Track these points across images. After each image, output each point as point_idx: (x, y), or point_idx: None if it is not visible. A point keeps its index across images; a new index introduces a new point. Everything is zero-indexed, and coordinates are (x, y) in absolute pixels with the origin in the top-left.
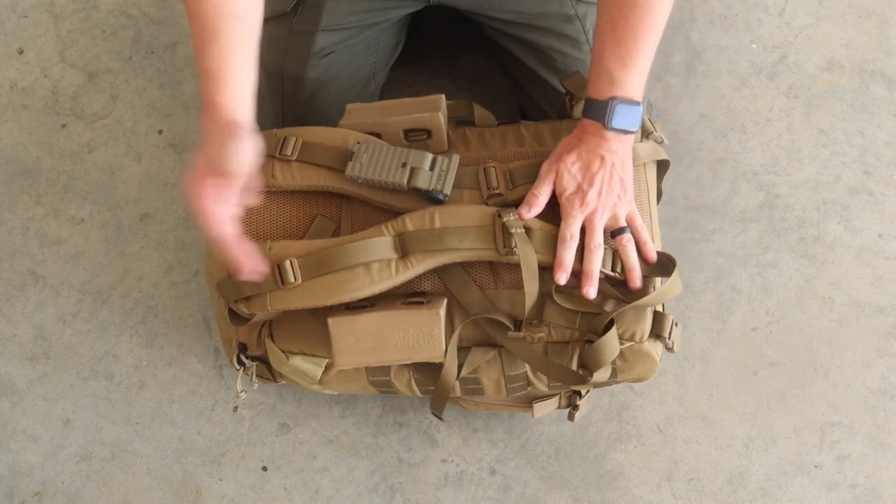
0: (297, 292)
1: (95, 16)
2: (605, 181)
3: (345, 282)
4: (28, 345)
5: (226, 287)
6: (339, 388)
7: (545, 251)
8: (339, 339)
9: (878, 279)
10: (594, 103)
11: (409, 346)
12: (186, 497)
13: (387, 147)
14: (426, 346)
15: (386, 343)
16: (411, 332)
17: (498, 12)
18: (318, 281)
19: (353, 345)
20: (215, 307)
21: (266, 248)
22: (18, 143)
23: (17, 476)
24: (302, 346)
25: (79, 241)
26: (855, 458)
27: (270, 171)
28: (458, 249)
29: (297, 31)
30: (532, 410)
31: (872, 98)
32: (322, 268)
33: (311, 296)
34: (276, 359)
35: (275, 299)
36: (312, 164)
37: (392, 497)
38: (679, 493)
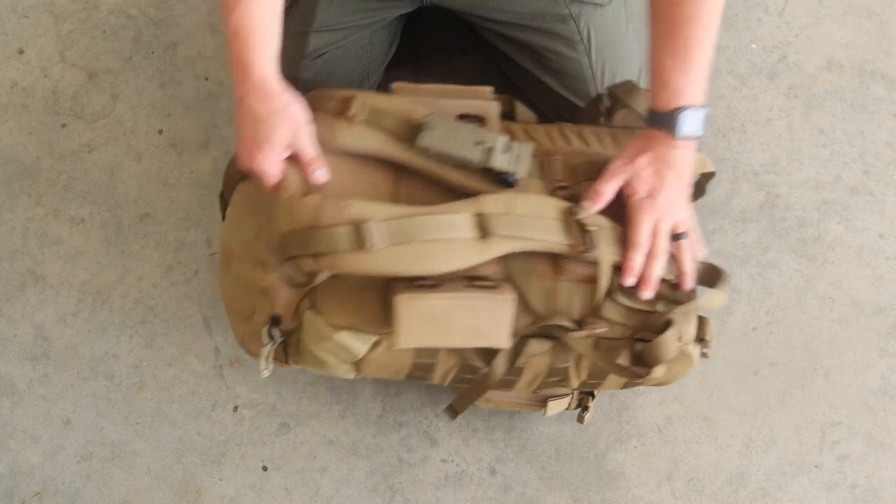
0: (375, 257)
1: (96, 16)
2: (674, 188)
3: (428, 254)
4: (28, 345)
5: (294, 239)
6: (374, 371)
7: (613, 250)
8: (404, 318)
9: (879, 279)
10: (660, 115)
11: (474, 330)
12: (186, 497)
13: (461, 123)
14: (492, 333)
15: (452, 326)
16: (479, 317)
17: (491, 12)
18: (401, 249)
19: (419, 324)
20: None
21: (342, 207)
22: (18, 143)
23: (18, 476)
24: (352, 321)
25: (79, 240)
26: (855, 458)
27: (331, 130)
28: (535, 239)
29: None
30: (545, 409)
31: (872, 98)
32: (404, 236)
33: (390, 263)
34: (315, 334)
35: (350, 261)
36: (379, 129)
37: (392, 497)
38: (679, 494)
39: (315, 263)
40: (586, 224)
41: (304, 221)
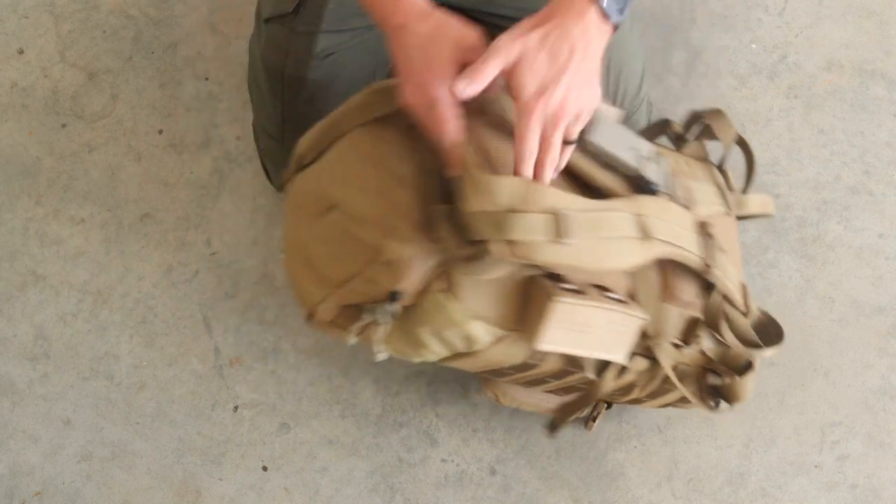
0: (568, 250)
1: (96, 16)
2: (572, 80)
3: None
4: (28, 345)
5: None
6: (468, 364)
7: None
8: (553, 322)
9: (879, 279)
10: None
11: (603, 342)
12: (186, 497)
13: (621, 126)
14: (616, 347)
15: (588, 335)
16: (613, 329)
17: (500, 8)
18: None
19: (562, 329)
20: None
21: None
22: (18, 143)
23: (18, 476)
24: (488, 313)
25: (79, 240)
26: (855, 458)
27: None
28: (683, 248)
29: (298, 31)
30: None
31: (872, 98)
32: (592, 230)
33: (579, 257)
34: (442, 319)
35: (544, 252)
36: None
37: (392, 497)
38: (679, 493)
39: (510, 250)
40: (716, 239)
41: (502, 203)
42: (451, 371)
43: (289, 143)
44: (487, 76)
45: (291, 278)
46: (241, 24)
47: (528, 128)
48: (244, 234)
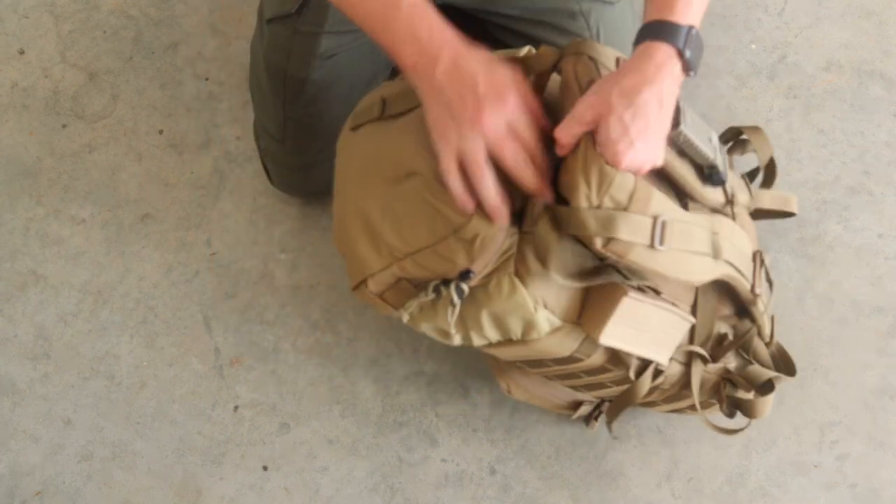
0: (660, 256)
1: (96, 16)
2: (656, 136)
3: (691, 264)
4: (29, 345)
5: (595, 217)
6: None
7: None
8: (619, 318)
9: (878, 279)
10: (669, 26)
11: (654, 342)
12: (187, 497)
13: (698, 115)
14: (663, 348)
15: (644, 334)
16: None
17: (502, 7)
18: (677, 254)
19: (623, 326)
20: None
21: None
22: (19, 144)
23: (18, 476)
24: (555, 301)
25: (79, 241)
26: (854, 457)
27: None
28: (739, 273)
29: (301, 32)
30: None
31: (872, 98)
32: (683, 241)
33: (668, 265)
34: (509, 303)
35: (640, 255)
36: None
37: (392, 497)
38: (679, 493)
39: (605, 248)
40: (768, 271)
41: (613, 200)
42: (451, 371)
43: (289, 143)
44: (572, 143)
45: (344, 242)
46: (242, 24)
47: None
48: (244, 234)
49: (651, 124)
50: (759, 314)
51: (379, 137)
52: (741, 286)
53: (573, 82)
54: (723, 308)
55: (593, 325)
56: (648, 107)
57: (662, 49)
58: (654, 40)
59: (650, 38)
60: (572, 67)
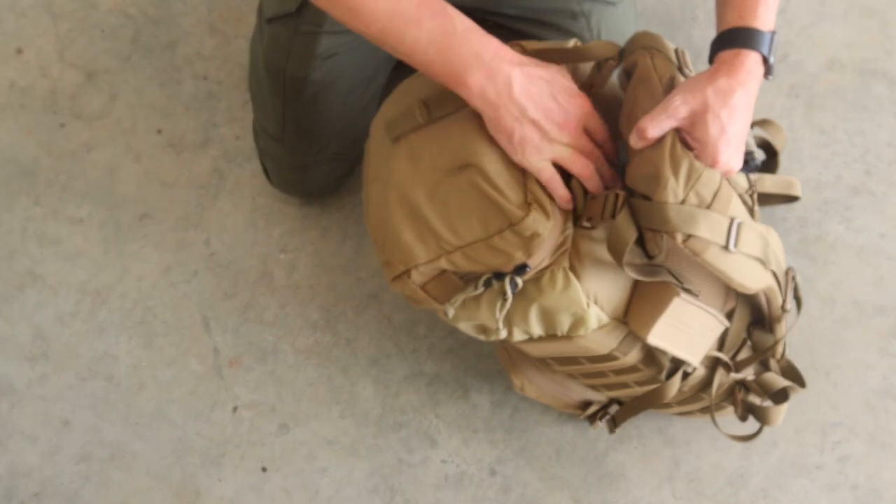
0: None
1: (94, 15)
2: (739, 137)
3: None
4: (27, 345)
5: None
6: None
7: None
8: (667, 317)
9: (880, 279)
10: (755, 33)
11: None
12: (186, 498)
13: None
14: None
15: (687, 335)
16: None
17: (503, 7)
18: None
19: (671, 326)
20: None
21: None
22: (17, 143)
23: (16, 477)
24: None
25: (77, 241)
26: (856, 458)
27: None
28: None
29: (301, 32)
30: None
31: (874, 97)
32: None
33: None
34: (564, 299)
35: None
36: None
37: (392, 498)
38: (679, 494)
39: (683, 244)
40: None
41: (702, 198)
42: (451, 371)
43: (289, 142)
44: (659, 135)
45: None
46: (240, 24)
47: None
48: (243, 234)
49: (745, 126)
50: (781, 332)
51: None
52: (776, 300)
53: (654, 77)
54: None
55: (642, 324)
56: (741, 109)
57: (752, 57)
58: (744, 48)
59: (738, 46)
60: (650, 61)
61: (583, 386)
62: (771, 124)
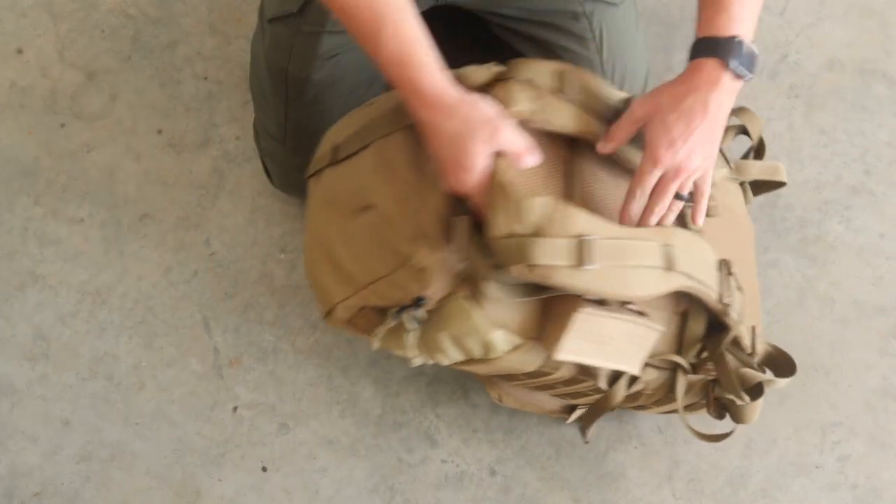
0: (589, 276)
1: (94, 15)
2: (699, 140)
3: (631, 279)
4: (27, 345)
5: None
6: (486, 369)
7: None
8: (574, 332)
9: (879, 279)
10: (713, 41)
11: (619, 353)
12: (186, 497)
13: None
14: (632, 358)
15: (606, 346)
16: (631, 342)
17: (505, 9)
18: (611, 271)
19: (581, 340)
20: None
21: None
22: (17, 143)
23: (16, 476)
24: (513, 321)
25: (78, 240)
26: (856, 458)
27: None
28: (701, 283)
29: (303, 32)
30: (570, 416)
31: (874, 97)
32: (616, 258)
33: (601, 283)
34: (465, 326)
35: (563, 277)
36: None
37: (392, 497)
38: (679, 494)
39: (529, 273)
40: (737, 278)
41: (529, 226)
42: (451, 371)
43: (290, 143)
44: (623, 136)
45: (311, 273)
46: (241, 24)
47: (649, 173)
48: (243, 234)
49: (694, 129)
50: (733, 323)
51: (341, 172)
52: (706, 297)
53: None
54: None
55: (550, 342)
56: (692, 112)
57: (709, 63)
58: (702, 56)
59: (699, 55)
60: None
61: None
62: (745, 111)
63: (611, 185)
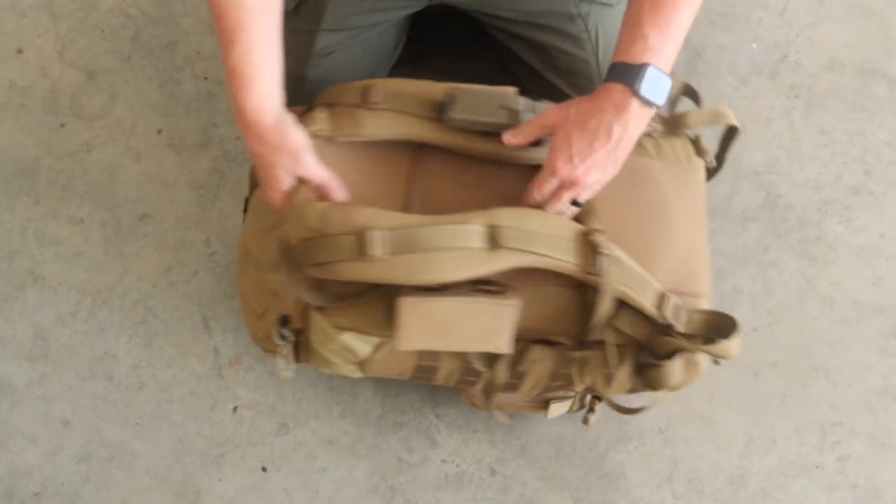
0: (376, 267)
1: (94, 15)
2: (599, 160)
3: (429, 265)
4: (27, 345)
5: (302, 250)
6: (378, 370)
7: (621, 279)
8: (406, 321)
9: (879, 279)
10: (625, 67)
11: (476, 335)
12: (186, 497)
13: (484, 90)
14: (494, 338)
15: (454, 330)
16: (482, 321)
17: (500, 10)
18: (402, 259)
19: (420, 327)
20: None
21: (347, 214)
22: (17, 143)
23: (16, 476)
24: (356, 323)
25: (78, 240)
26: (856, 458)
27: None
28: (546, 256)
29: (298, 30)
30: (547, 411)
31: (874, 97)
32: (408, 246)
33: (391, 273)
34: (321, 335)
35: (351, 269)
36: (403, 112)
37: (392, 497)
38: (679, 494)
39: (319, 271)
40: (600, 247)
41: (310, 230)
42: None
43: None
44: (529, 135)
45: (245, 316)
46: None
47: (546, 180)
48: None
49: (594, 150)
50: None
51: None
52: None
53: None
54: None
55: (393, 335)
56: (596, 133)
57: (617, 88)
58: (612, 81)
59: (610, 79)
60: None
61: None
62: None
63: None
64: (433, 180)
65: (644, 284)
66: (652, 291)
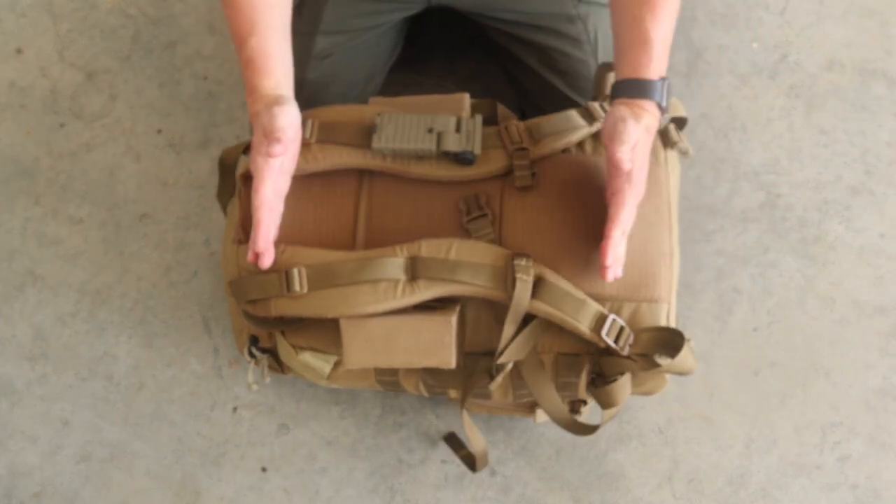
0: (301, 301)
1: (94, 15)
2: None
3: (348, 297)
4: (27, 345)
5: (235, 288)
6: (346, 384)
7: (554, 305)
8: (350, 340)
9: (879, 279)
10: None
11: (419, 351)
12: (185, 498)
13: (410, 116)
14: (437, 353)
15: (396, 347)
16: (423, 337)
17: (499, 12)
18: (323, 293)
19: (364, 346)
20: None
21: (279, 252)
22: (17, 143)
23: (16, 477)
24: (312, 343)
25: (77, 240)
26: (856, 458)
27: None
28: (468, 284)
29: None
30: (535, 416)
31: (874, 97)
32: (328, 281)
33: (314, 307)
34: (285, 353)
35: (279, 305)
36: (333, 144)
37: (392, 498)
38: (679, 494)
39: (253, 308)
40: (518, 271)
41: (242, 269)
42: None
43: None
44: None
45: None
46: None
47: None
48: None
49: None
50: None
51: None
52: (484, 294)
53: None
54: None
55: (342, 356)
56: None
57: (646, 105)
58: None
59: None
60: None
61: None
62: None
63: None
64: (378, 201)
65: (578, 306)
66: (589, 312)
